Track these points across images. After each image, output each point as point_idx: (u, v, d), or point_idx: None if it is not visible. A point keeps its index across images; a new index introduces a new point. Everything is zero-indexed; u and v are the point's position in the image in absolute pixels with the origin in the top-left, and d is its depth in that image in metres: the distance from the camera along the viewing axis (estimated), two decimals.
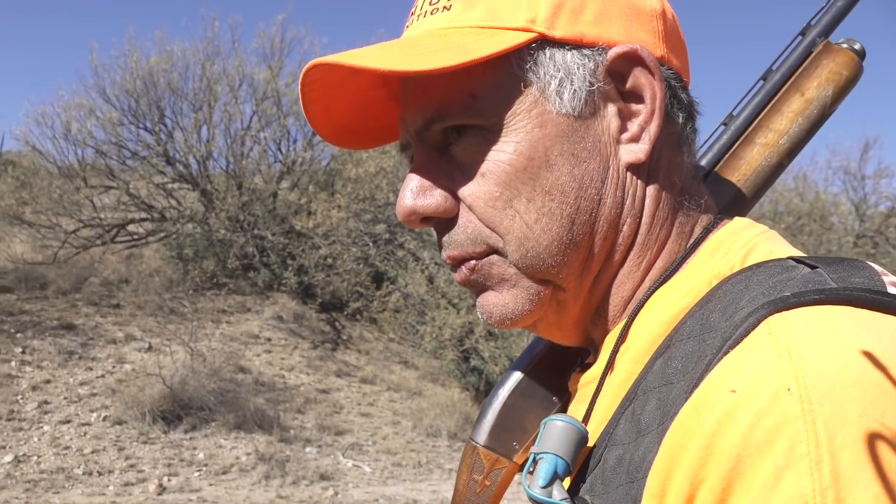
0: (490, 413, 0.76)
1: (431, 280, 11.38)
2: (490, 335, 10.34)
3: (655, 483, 0.49)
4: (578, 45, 0.62)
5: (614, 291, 0.65)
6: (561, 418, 0.56)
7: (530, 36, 0.61)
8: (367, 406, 9.86)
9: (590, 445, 0.59)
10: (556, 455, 0.54)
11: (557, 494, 0.53)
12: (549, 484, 0.53)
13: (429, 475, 8.19)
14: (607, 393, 0.61)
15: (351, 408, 9.66)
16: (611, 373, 0.62)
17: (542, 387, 0.76)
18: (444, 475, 8.24)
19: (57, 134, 11.54)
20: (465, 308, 10.70)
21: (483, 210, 0.62)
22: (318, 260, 11.58)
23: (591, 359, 0.68)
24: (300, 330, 11.20)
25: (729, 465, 0.45)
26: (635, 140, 0.63)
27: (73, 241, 11.14)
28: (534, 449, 0.56)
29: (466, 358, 10.90)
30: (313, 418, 8.96)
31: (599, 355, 0.66)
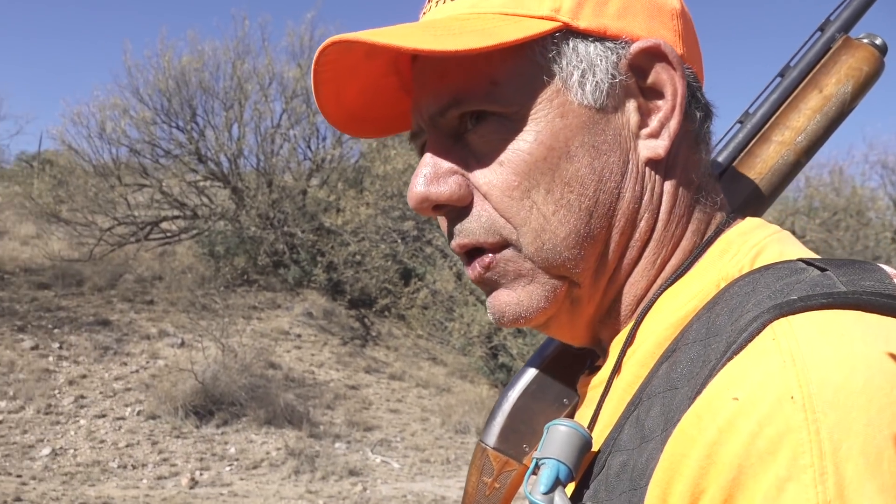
0: (500, 415, 0.75)
1: (459, 277, 11.36)
2: (518, 332, 10.30)
3: (656, 492, 0.48)
4: (602, 38, 0.61)
5: (628, 290, 0.64)
6: (564, 423, 0.55)
7: (554, 25, 0.60)
8: (396, 402, 9.91)
9: (594, 450, 0.58)
10: (559, 461, 0.54)
11: (559, 501, 0.52)
12: (551, 490, 0.52)
13: (457, 472, 8.21)
14: (613, 397, 0.60)
15: (380, 404, 9.72)
16: (618, 376, 0.61)
17: (553, 389, 0.75)
18: None
19: (92, 133, 11.81)
20: None
21: (499, 199, 0.61)
22: (347, 257, 11.65)
23: (601, 361, 0.67)
24: (330, 326, 11.29)
25: (730, 476, 0.44)
26: (654, 136, 0.62)
27: (109, 239, 11.36)
28: (536, 454, 0.55)
29: (495, 354, 10.89)
30: (342, 414, 9.03)
31: (608, 358, 0.65)
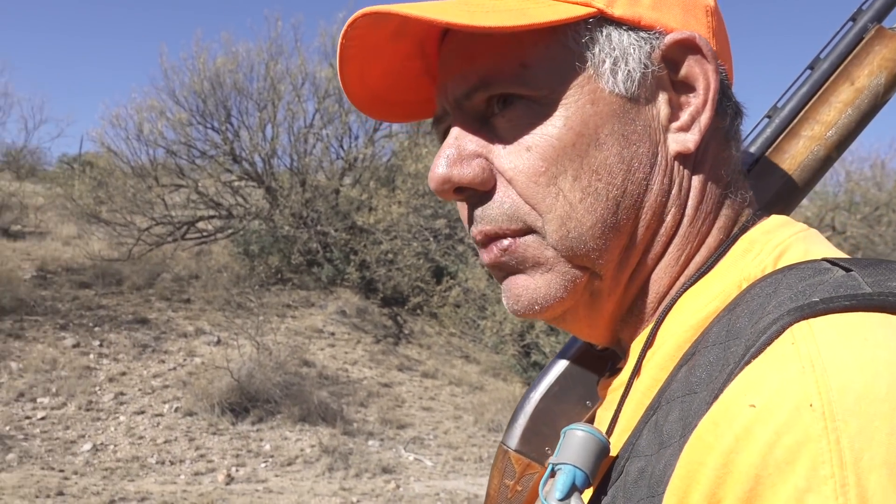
0: (521, 417, 0.74)
1: (491, 275, 11.32)
2: (551, 330, 10.23)
3: (673, 500, 0.47)
4: (635, 27, 0.60)
5: (650, 287, 0.63)
6: (581, 427, 0.54)
7: (589, 10, 0.59)
8: (429, 400, 9.92)
9: (613, 455, 0.57)
10: (575, 466, 0.53)
11: None
12: (567, 496, 0.51)
13: (490, 470, 8.19)
14: (632, 400, 0.59)
15: (413, 402, 9.74)
16: (637, 379, 0.60)
17: (576, 390, 0.74)
18: None
19: (130, 135, 12.01)
20: None
21: (525, 185, 0.59)
22: (380, 255, 11.70)
23: (622, 363, 0.66)
24: (363, 324, 11.35)
25: (747, 486, 0.42)
26: (685, 129, 0.61)
27: (147, 239, 11.57)
28: (552, 459, 0.54)
29: (527, 353, 10.84)
30: (376, 412, 9.08)
31: (628, 359, 0.63)
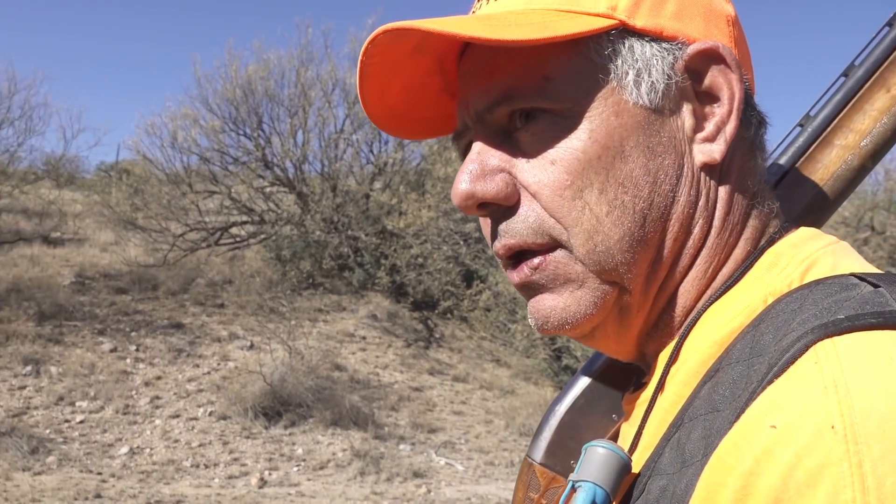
0: (547, 430, 0.74)
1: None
2: None
3: None
4: (658, 38, 0.60)
5: (678, 300, 0.62)
6: (602, 444, 0.54)
7: (611, 23, 0.58)
8: (460, 404, 9.91)
9: (635, 472, 0.56)
10: (595, 484, 0.52)
11: None
12: None
13: (515, 482, 8.15)
14: (655, 417, 0.58)
15: (444, 406, 9.74)
16: (661, 395, 0.59)
17: (602, 403, 0.73)
18: None
19: (165, 143, 12.26)
20: None
21: (550, 199, 0.59)
22: (410, 259, 11.73)
23: (647, 377, 0.65)
24: (394, 328, 11.39)
25: None
26: (710, 140, 0.60)
27: (181, 245, 11.77)
28: (572, 476, 0.54)
29: (559, 356, 10.78)
30: (407, 416, 9.09)
31: (653, 374, 0.63)
